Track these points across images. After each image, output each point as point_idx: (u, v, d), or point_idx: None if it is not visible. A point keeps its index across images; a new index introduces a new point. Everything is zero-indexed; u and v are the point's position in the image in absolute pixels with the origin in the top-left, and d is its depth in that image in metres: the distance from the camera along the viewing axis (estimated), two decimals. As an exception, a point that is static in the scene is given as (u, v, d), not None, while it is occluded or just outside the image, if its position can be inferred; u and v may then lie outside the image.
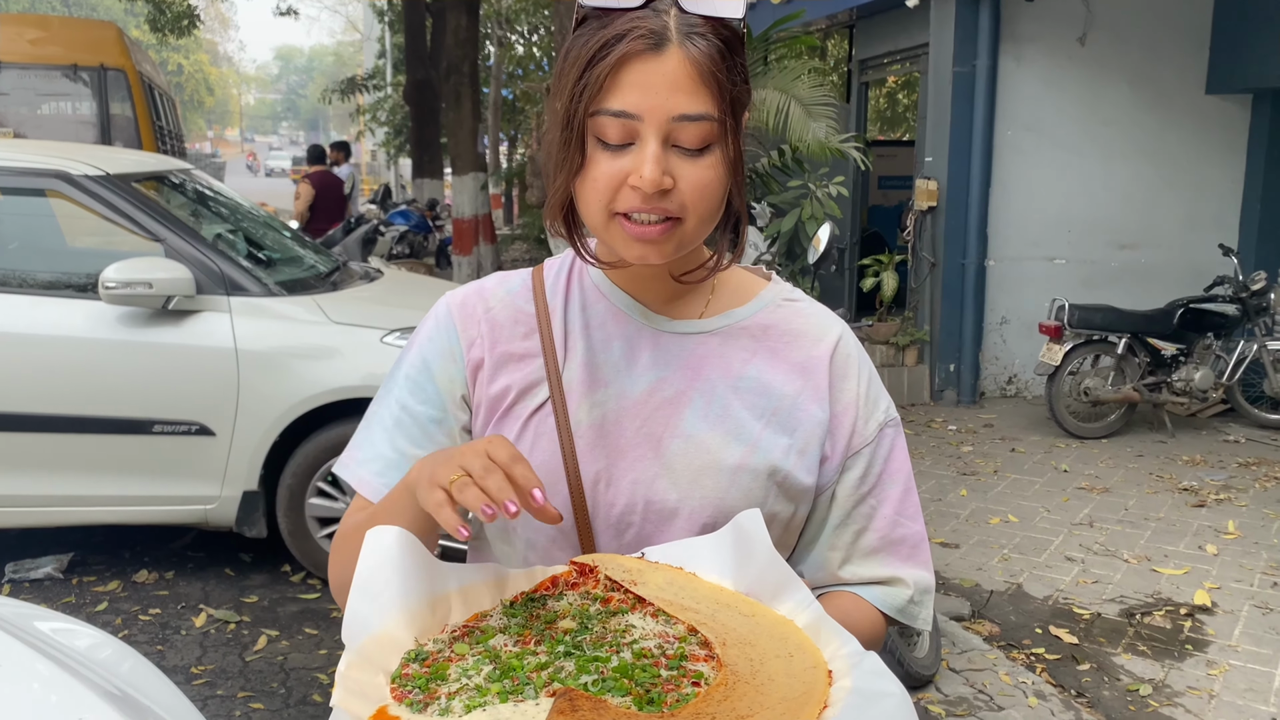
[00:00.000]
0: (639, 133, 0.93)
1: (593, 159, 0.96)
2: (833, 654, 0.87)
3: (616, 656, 0.86)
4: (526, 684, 0.82)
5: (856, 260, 8.98)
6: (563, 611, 0.93)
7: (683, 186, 0.95)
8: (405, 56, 16.12)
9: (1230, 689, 3.54)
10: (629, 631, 0.90)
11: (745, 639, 0.88)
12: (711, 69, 0.93)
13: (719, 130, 0.95)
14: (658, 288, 1.09)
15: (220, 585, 4.23)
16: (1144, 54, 7.75)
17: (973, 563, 4.63)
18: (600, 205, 0.96)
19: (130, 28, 20.26)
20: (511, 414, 1.07)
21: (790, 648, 0.88)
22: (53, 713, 1.25)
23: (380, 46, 25.04)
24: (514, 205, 20.93)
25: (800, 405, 1.07)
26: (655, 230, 0.96)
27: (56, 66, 8.95)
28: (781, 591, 0.93)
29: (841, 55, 10.62)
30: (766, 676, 0.83)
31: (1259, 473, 6.02)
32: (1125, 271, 7.93)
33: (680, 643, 0.88)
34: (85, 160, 4.17)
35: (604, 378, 1.07)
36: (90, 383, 3.94)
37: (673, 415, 1.06)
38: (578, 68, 0.94)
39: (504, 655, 0.86)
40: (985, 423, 7.23)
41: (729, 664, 0.85)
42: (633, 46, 0.92)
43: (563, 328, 1.09)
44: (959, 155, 7.55)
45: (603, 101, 0.93)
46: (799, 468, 1.06)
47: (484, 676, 0.83)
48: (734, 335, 1.09)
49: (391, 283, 5.06)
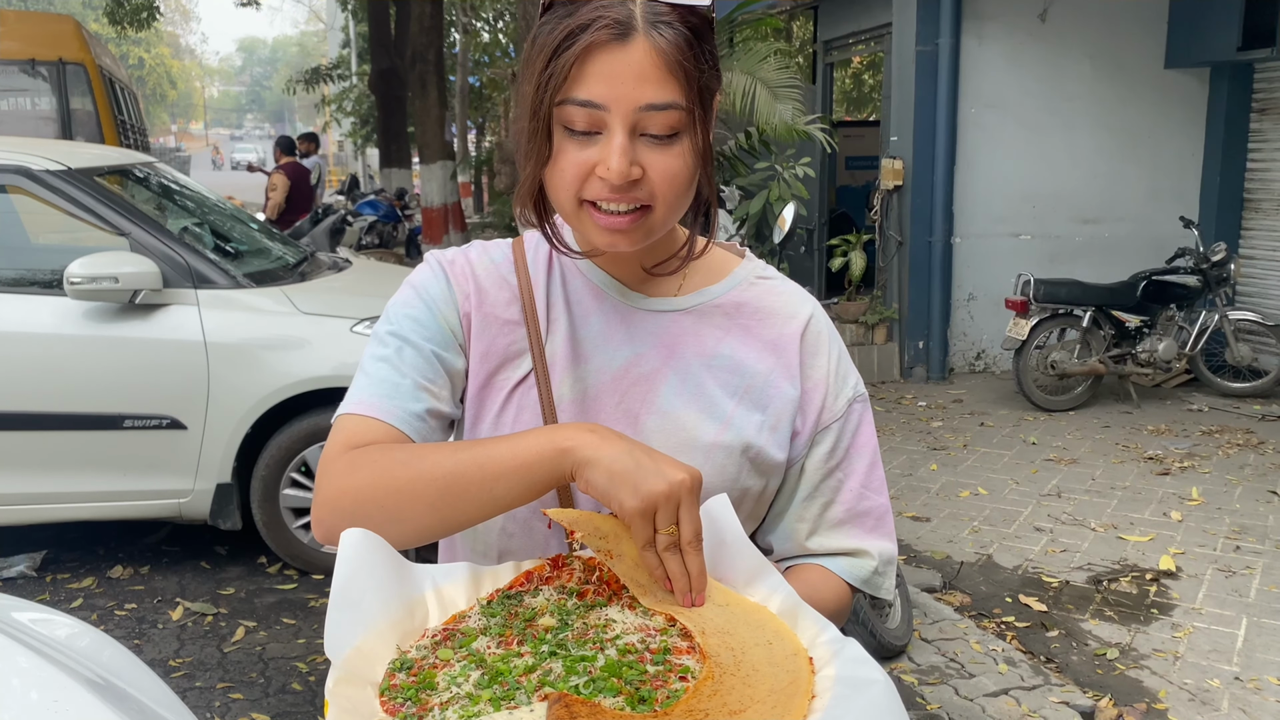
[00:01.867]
0: (606, 123, 0.93)
1: (560, 148, 0.96)
2: (811, 640, 0.88)
3: (602, 654, 0.85)
4: (517, 689, 0.81)
5: (825, 240, 9.05)
6: (540, 608, 0.92)
7: (652, 175, 0.95)
8: (370, 45, 16.00)
9: (1194, 650, 3.62)
10: (610, 626, 0.90)
11: (723, 628, 0.89)
12: (679, 58, 0.93)
13: (687, 119, 0.95)
14: (634, 266, 1.10)
15: (196, 578, 4.23)
16: (1104, 30, 7.84)
17: (943, 535, 4.70)
18: (569, 194, 0.97)
19: (89, 21, 19.98)
20: (494, 384, 1.08)
21: (768, 635, 0.88)
22: (33, 701, 1.26)
23: (344, 36, 24.83)
24: (483, 193, 20.84)
25: (772, 383, 1.10)
26: (624, 220, 0.97)
27: (14, 62, 8.81)
28: (754, 578, 0.95)
29: (806, 36, 10.65)
30: (751, 667, 0.84)
31: (1222, 440, 6.13)
32: (1089, 245, 8.03)
33: (662, 635, 0.89)
34: (46, 155, 4.14)
35: (584, 353, 1.08)
36: (59, 379, 3.92)
37: (649, 392, 1.08)
38: (544, 56, 0.94)
39: (489, 659, 0.85)
40: (954, 398, 7.31)
41: (712, 655, 0.85)
42: (598, 37, 0.91)
43: (545, 302, 1.10)
44: (924, 134, 7.60)
45: (569, 91, 0.93)
46: (770, 443, 1.08)
47: (473, 683, 0.82)
48: (707, 313, 1.11)
49: (360, 272, 5.06)
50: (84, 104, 8.92)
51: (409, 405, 1.02)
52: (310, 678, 3.45)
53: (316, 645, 3.67)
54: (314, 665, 3.53)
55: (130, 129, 10.27)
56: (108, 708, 1.23)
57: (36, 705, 1.27)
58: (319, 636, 3.74)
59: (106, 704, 1.28)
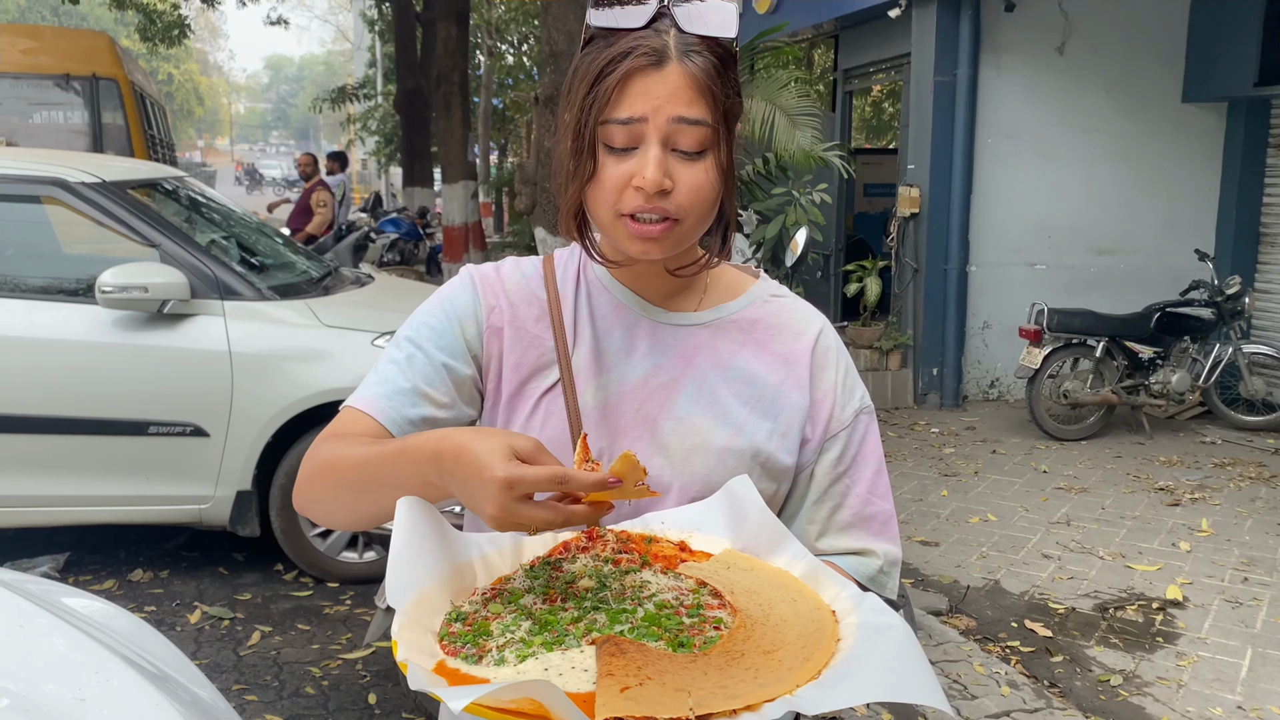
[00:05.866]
0: (643, 136, 1.04)
1: (601, 165, 1.06)
2: (833, 597, 0.97)
3: (641, 609, 0.95)
4: (566, 635, 0.91)
5: (841, 266, 9.10)
6: (579, 573, 1.01)
7: (680, 189, 1.05)
8: (395, 66, 16.22)
9: (1198, 679, 3.64)
10: (645, 587, 0.99)
11: (750, 588, 0.99)
12: (708, 82, 1.05)
13: (713, 137, 1.06)
14: (656, 284, 1.19)
15: (214, 583, 4.31)
16: (1122, 63, 7.90)
17: (952, 560, 4.74)
18: (608, 206, 1.07)
19: (121, 37, 20.30)
20: (524, 392, 1.18)
21: (793, 594, 0.98)
22: (75, 670, 1.34)
23: (370, 56, 25.11)
24: (504, 213, 20.99)
25: (783, 393, 1.18)
26: (656, 229, 1.06)
27: (49, 76, 9.02)
28: (776, 547, 1.05)
29: (826, 65, 10.76)
30: (779, 618, 0.93)
31: (1233, 473, 6.14)
32: (1104, 276, 8.06)
33: (694, 594, 0.99)
34: (82, 168, 4.26)
35: (607, 364, 1.18)
36: (87, 385, 4.02)
37: (667, 400, 1.17)
38: (586, 83, 1.05)
39: (537, 612, 0.95)
40: (967, 425, 7.34)
41: (742, 609, 0.95)
42: (637, 63, 1.03)
43: (572, 316, 1.19)
44: (941, 163, 7.67)
45: (611, 112, 1.04)
46: (780, 449, 1.17)
47: (525, 630, 0.91)
48: (724, 328, 1.20)
49: (382, 287, 5.15)
50: (115, 118, 9.10)
51: (405, 410, 1.11)
52: (324, 682, 3.51)
53: (330, 651, 3.74)
54: (327, 670, 3.59)
55: (159, 143, 10.46)
56: (149, 684, 1.31)
57: (77, 673, 1.34)
58: (333, 642, 3.81)
59: (149, 681, 1.35)
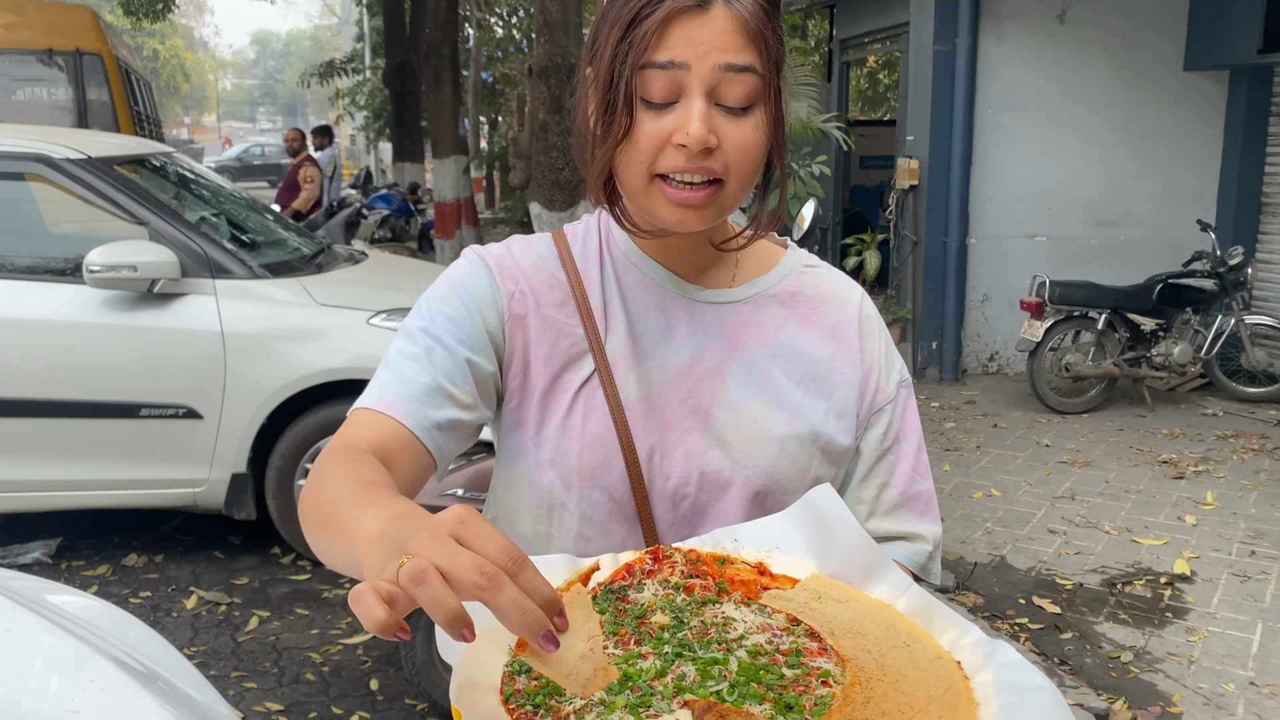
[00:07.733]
0: (685, 86, 0.93)
1: (638, 121, 0.94)
2: (953, 642, 0.81)
3: (732, 657, 0.80)
4: (652, 694, 0.76)
5: (839, 239, 9.03)
6: (649, 604, 0.86)
7: (726, 147, 0.94)
8: (384, 39, 16.01)
9: (1209, 654, 3.61)
10: (730, 625, 0.84)
11: (852, 628, 0.83)
12: (758, 26, 0.93)
13: (763, 88, 0.94)
14: (689, 258, 1.08)
15: (210, 568, 4.24)
16: (1123, 32, 7.79)
17: (957, 536, 4.69)
18: (642, 168, 0.95)
19: (105, 12, 20.02)
20: (558, 386, 1.05)
21: (903, 636, 0.82)
22: (64, 676, 1.27)
23: (358, 30, 24.87)
24: (495, 189, 20.84)
25: (835, 369, 1.10)
26: (700, 195, 0.95)
27: (31, 51, 8.85)
28: (872, 573, 0.90)
29: (823, 35, 10.64)
30: (897, 672, 0.78)
31: (1236, 445, 6.10)
32: (1105, 248, 7.99)
33: (789, 635, 0.83)
34: (66, 143, 4.15)
35: (645, 350, 1.06)
36: (76, 367, 3.93)
37: (718, 386, 1.06)
38: (620, 28, 0.94)
39: (612, 660, 0.79)
40: (968, 399, 7.29)
41: (850, 658, 0.79)
42: (678, 4, 0.92)
43: (600, 299, 1.07)
44: (940, 134, 7.58)
45: (650, 56, 0.92)
46: (839, 430, 1.08)
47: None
48: (764, 303, 1.10)
49: (376, 265, 5.06)
50: (100, 94, 8.94)
51: (431, 413, 0.96)
52: (324, 668, 3.45)
53: (330, 636, 3.67)
54: (327, 656, 3.53)
55: (145, 120, 10.30)
56: (140, 687, 1.24)
57: (66, 679, 1.28)
58: (332, 627, 3.75)
59: (139, 684, 1.29)
